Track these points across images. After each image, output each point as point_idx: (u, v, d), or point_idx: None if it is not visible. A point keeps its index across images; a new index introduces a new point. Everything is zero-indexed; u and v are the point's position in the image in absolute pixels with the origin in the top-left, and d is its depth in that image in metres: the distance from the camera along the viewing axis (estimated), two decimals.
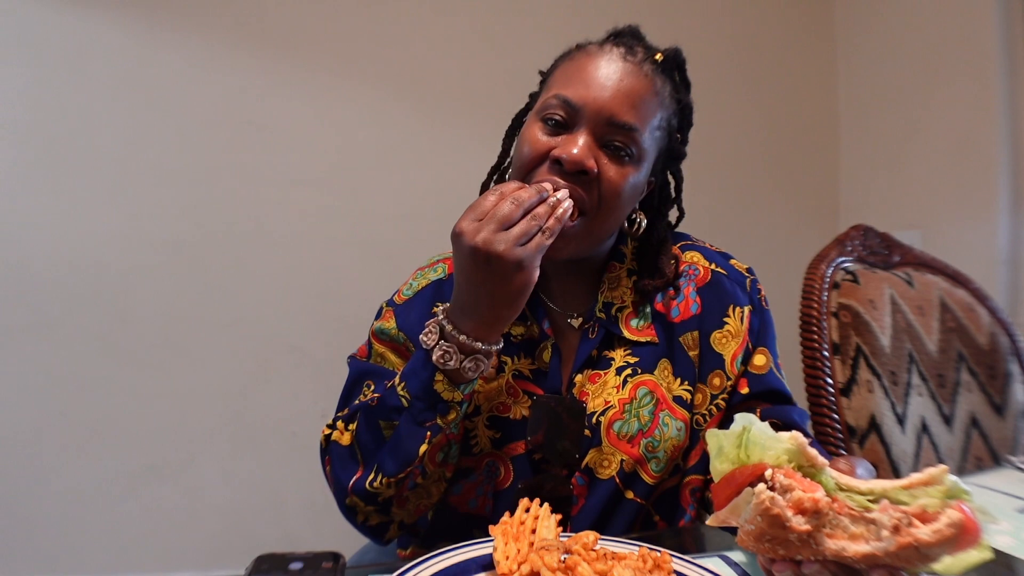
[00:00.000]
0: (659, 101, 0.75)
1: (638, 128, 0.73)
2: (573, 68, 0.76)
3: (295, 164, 1.93)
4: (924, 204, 2.09)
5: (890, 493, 0.45)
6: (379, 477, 0.70)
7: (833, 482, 0.47)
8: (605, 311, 0.81)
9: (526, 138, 0.76)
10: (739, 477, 0.47)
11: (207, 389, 1.87)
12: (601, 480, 0.76)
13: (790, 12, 2.38)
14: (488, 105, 2.15)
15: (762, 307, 0.83)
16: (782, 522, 0.44)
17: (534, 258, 0.65)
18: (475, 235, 0.63)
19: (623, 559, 0.53)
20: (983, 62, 1.89)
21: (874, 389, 1.11)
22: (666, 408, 0.78)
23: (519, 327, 0.81)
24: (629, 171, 0.74)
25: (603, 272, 0.83)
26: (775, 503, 0.44)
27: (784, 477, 0.46)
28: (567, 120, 0.73)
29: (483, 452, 0.78)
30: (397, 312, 0.83)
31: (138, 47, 1.81)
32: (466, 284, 0.66)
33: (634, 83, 0.73)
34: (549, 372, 0.79)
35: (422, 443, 0.69)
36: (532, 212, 0.65)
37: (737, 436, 0.49)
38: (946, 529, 0.41)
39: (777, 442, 0.48)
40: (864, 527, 0.44)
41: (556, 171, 0.72)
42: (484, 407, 0.78)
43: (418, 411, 0.68)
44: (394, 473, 0.69)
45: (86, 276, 1.78)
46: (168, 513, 1.84)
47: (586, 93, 0.72)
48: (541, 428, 0.76)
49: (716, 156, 2.27)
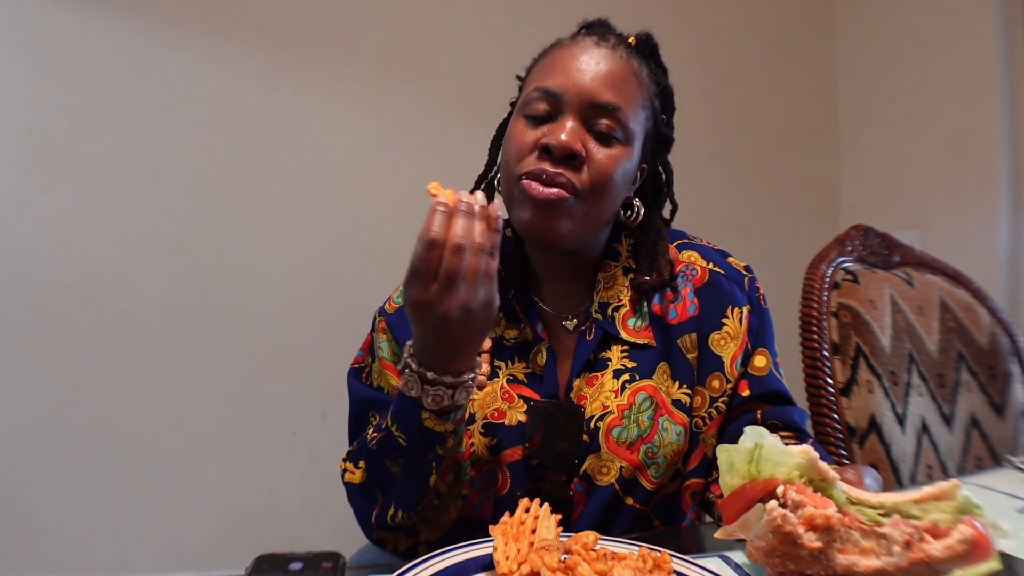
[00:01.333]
0: (638, 81, 0.76)
1: (621, 107, 0.73)
2: (549, 62, 0.77)
3: (295, 164, 1.93)
4: (924, 204, 2.09)
5: (901, 507, 0.45)
6: (398, 512, 0.70)
7: (844, 496, 0.47)
8: (601, 311, 0.80)
9: (512, 134, 0.76)
10: (750, 492, 0.47)
11: (207, 389, 1.87)
12: (600, 487, 0.76)
13: (790, 12, 2.38)
14: (488, 106, 2.14)
15: (761, 306, 0.82)
16: (793, 539, 0.44)
17: (494, 285, 0.63)
18: (439, 302, 0.60)
19: (623, 559, 0.53)
20: (983, 62, 1.89)
21: (874, 389, 1.11)
22: (665, 413, 0.77)
23: (512, 330, 0.80)
24: (618, 152, 0.74)
25: (597, 272, 0.82)
26: (787, 520, 0.44)
27: (796, 493, 0.45)
28: (551, 110, 0.74)
29: (480, 460, 0.77)
30: (390, 322, 0.83)
31: (138, 47, 1.81)
32: (434, 339, 0.63)
33: (611, 65, 0.74)
34: (544, 376, 0.79)
35: (431, 474, 0.68)
36: (466, 236, 0.60)
37: (749, 452, 0.48)
38: (958, 545, 0.41)
39: (788, 457, 0.47)
40: (875, 542, 0.44)
41: (546, 159, 0.72)
42: (478, 414, 0.77)
43: (417, 448, 0.67)
44: (411, 507, 0.70)
45: (86, 276, 1.78)
46: (168, 513, 1.84)
47: (565, 80, 0.73)
48: (538, 433, 0.75)
49: (716, 156, 2.27)
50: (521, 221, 0.75)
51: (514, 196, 0.75)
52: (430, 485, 0.69)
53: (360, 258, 1.97)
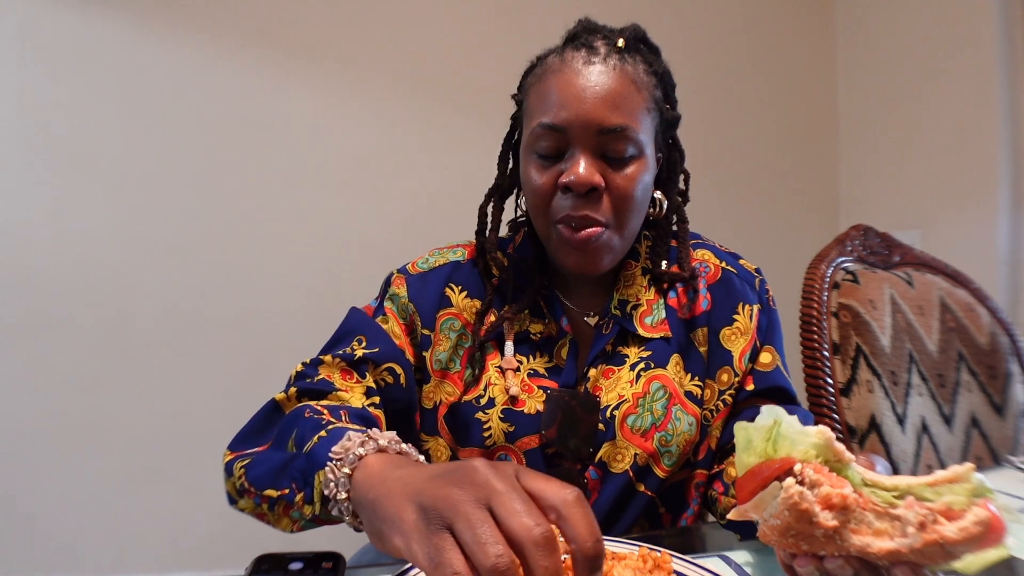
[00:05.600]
0: (637, 87, 0.74)
1: (628, 125, 0.72)
2: (544, 91, 0.75)
3: (295, 164, 1.93)
4: (924, 204, 2.09)
5: (915, 490, 0.45)
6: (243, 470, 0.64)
7: (859, 477, 0.46)
8: (620, 308, 0.82)
9: (529, 177, 0.76)
10: (765, 471, 0.47)
11: (207, 389, 1.87)
12: (615, 474, 0.77)
13: (790, 12, 2.38)
14: (488, 106, 2.15)
15: (770, 307, 0.85)
16: (809, 517, 0.44)
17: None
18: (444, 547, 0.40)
19: (623, 559, 0.53)
20: (983, 61, 1.90)
21: (874, 389, 1.11)
22: (678, 403, 0.79)
23: (537, 324, 0.82)
24: (634, 169, 0.74)
25: (619, 271, 0.84)
26: (804, 498, 0.44)
27: (813, 472, 0.45)
28: (559, 145, 0.73)
29: (496, 445, 0.78)
30: (409, 281, 0.83)
31: (138, 47, 1.81)
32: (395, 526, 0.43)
33: (608, 82, 0.72)
34: (565, 368, 0.80)
35: (293, 495, 0.58)
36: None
37: (768, 429, 0.48)
38: (973, 527, 0.41)
39: (805, 436, 0.47)
40: (889, 523, 0.44)
41: (569, 197, 0.73)
42: (499, 400, 0.78)
43: (293, 479, 0.58)
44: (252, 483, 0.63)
45: (86, 276, 1.78)
46: (168, 513, 1.84)
47: (566, 113, 0.72)
48: (555, 422, 0.77)
49: (716, 156, 2.27)
50: (567, 264, 0.77)
51: (552, 238, 0.77)
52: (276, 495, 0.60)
53: (360, 258, 1.97)
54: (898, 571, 0.43)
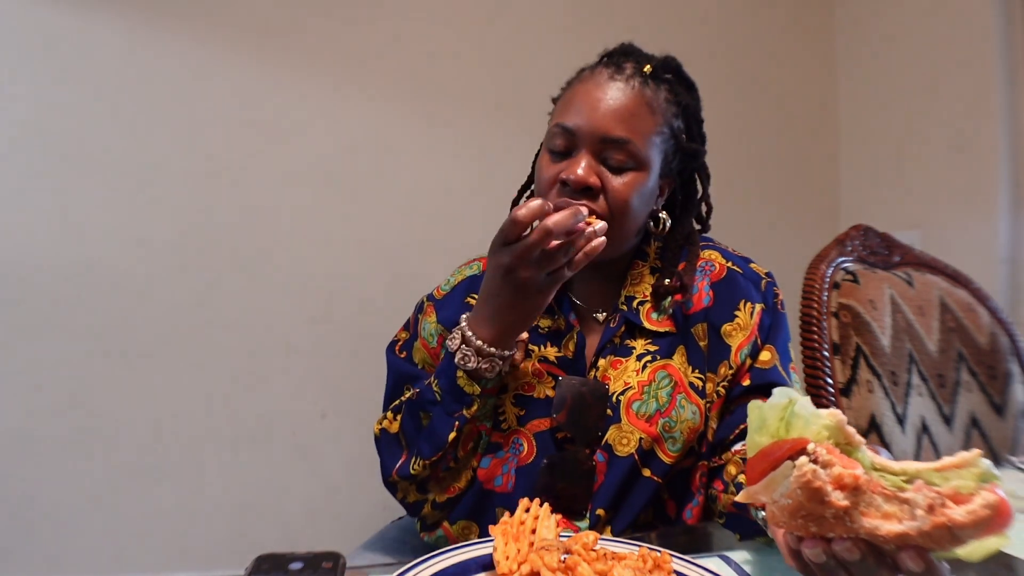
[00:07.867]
0: (651, 109, 0.81)
1: (631, 140, 0.79)
2: (570, 96, 0.84)
3: (295, 164, 1.93)
4: (924, 204, 2.09)
5: (923, 474, 0.45)
6: (418, 460, 0.80)
7: (869, 461, 0.47)
8: (627, 303, 0.87)
9: (539, 166, 0.85)
10: (777, 451, 0.47)
11: (207, 389, 1.87)
12: (620, 457, 0.81)
13: (790, 13, 2.38)
14: (488, 106, 2.15)
15: (777, 309, 0.87)
16: (822, 496, 0.44)
17: (555, 286, 0.74)
18: (514, 268, 0.71)
19: (623, 559, 0.53)
20: (982, 62, 1.89)
21: (874, 389, 1.11)
22: (683, 392, 0.82)
23: (546, 320, 0.88)
24: (631, 179, 0.80)
25: (628, 271, 0.89)
26: (817, 476, 0.44)
27: (825, 452, 0.45)
28: (568, 145, 0.81)
29: (511, 429, 0.84)
30: (437, 307, 0.92)
31: (138, 47, 1.81)
32: (490, 298, 0.75)
33: (623, 99, 0.80)
34: (574, 359, 0.85)
35: (451, 431, 0.78)
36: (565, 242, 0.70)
37: (782, 408, 0.48)
38: (981, 511, 0.41)
39: (818, 418, 0.48)
40: (898, 507, 0.44)
41: (566, 192, 0.80)
42: (511, 385, 0.84)
43: (448, 404, 0.79)
44: (429, 456, 0.79)
45: (86, 276, 1.78)
46: (168, 513, 1.84)
47: (579, 118, 0.80)
48: (565, 407, 0.82)
49: (716, 157, 2.25)
50: None
51: None
52: (447, 440, 0.78)
53: (360, 259, 1.97)
54: (904, 555, 0.43)
